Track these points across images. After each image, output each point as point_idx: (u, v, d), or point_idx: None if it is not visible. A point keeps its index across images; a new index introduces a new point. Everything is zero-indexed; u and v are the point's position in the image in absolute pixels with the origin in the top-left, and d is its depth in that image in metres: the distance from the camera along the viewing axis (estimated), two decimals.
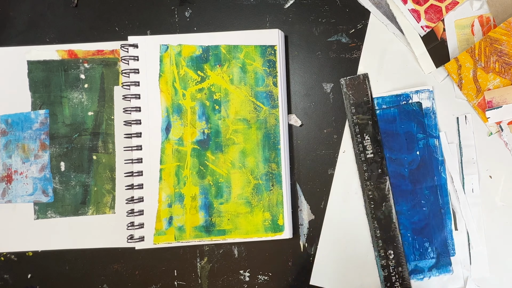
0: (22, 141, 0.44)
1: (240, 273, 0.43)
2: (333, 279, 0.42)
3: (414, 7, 0.43)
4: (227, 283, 0.43)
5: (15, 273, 0.44)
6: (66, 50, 0.44)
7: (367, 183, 0.41)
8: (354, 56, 0.44)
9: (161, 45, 0.43)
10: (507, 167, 0.42)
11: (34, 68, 0.44)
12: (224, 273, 0.43)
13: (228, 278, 0.43)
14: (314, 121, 0.44)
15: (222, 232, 0.42)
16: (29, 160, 0.44)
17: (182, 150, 0.42)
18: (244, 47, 0.42)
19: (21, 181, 0.44)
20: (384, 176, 0.41)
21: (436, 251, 0.41)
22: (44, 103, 0.44)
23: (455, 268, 0.41)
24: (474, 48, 0.41)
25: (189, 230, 0.42)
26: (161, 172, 0.42)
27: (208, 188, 0.42)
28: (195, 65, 0.42)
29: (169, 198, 0.42)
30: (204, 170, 0.42)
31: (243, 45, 0.42)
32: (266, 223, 0.41)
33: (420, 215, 0.42)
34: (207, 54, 0.42)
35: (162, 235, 0.42)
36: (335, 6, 0.44)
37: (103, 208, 0.43)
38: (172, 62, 0.42)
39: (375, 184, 0.41)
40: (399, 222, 0.41)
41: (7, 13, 0.45)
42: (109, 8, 0.45)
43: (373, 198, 0.41)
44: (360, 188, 0.43)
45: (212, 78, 0.42)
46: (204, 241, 0.42)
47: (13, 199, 0.44)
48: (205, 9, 0.45)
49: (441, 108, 0.43)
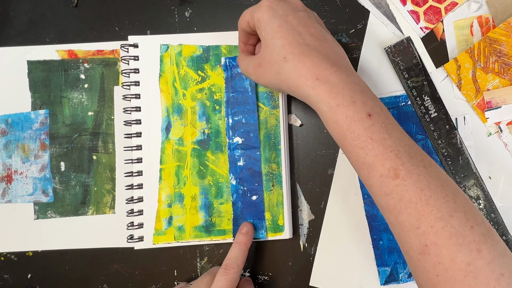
0: (22, 141, 0.44)
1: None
2: (333, 279, 0.42)
3: (413, 8, 0.43)
4: None
5: (15, 273, 0.44)
6: (66, 50, 0.44)
7: (439, 142, 0.41)
8: (354, 56, 0.44)
9: (162, 45, 0.43)
10: (506, 168, 0.42)
11: (34, 68, 0.44)
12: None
13: None
14: (314, 121, 0.44)
15: (222, 232, 0.42)
16: (29, 160, 0.44)
17: (182, 150, 0.42)
18: None
19: (21, 181, 0.44)
20: (453, 131, 0.41)
21: None
22: (44, 103, 0.44)
23: None
24: (473, 49, 0.41)
25: (189, 230, 0.42)
26: (161, 172, 0.42)
27: (208, 188, 0.42)
28: (195, 65, 0.43)
29: (169, 198, 0.42)
30: (204, 170, 0.42)
31: None
32: (267, 223, 0.41)
33: None
34: (208, 54, 0.43)
35: (162, 235, 0.42)
36: (335, 6, 0.44)
37: (103, 208, 0.43)
38: (172, 62, 0.43)
39: (447, 140, 0.41)
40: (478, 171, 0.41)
41: (7, 13, 0.45)
42: (109, 8, 0.45)
43: (448, 155, 0.41)
44: (359, 188, 0.43)
45: (212, 78, 0.42)
46: (204, 241, 0.42)
47: (13, 199, 0.44)
48: (205, 9, 0.45)
49: None
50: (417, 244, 0.27)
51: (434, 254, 0.27)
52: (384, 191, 0.28)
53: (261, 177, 0.41)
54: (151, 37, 0.43)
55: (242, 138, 0.41)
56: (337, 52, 0.32)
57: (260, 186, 0.41)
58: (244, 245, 0.39)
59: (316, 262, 0.43)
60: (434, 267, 0.27)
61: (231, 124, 0.41)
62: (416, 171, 0.28)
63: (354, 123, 0.28)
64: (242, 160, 0.41)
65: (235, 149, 0.42)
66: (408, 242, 0.28)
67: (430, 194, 0.27)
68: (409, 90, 0.42)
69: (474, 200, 0.41)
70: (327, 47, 0.32)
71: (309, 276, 0.43)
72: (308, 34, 0.32)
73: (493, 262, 0.26)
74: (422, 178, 0.28)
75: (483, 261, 0.26)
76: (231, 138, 0.41)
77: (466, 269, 0.26)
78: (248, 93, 0.41)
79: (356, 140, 0.28)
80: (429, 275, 0.27)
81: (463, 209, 0.27)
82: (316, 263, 0.43)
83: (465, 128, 0.42)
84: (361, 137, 0.28)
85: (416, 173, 0.28)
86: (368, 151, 0.28)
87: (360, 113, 0.28)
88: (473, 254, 0.26)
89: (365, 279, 0.42)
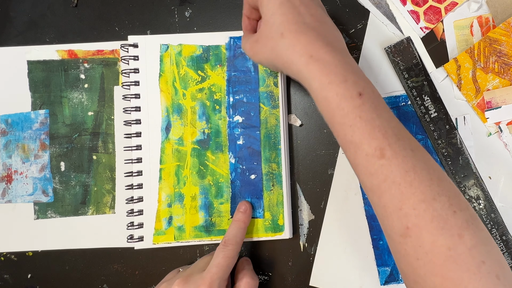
0: (22, 141, 0.44)
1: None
2: (333, 279, 0.42)
3: (413, 8, 0.43)
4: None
5: (15, 273, 0.44)
6: (66, 50, 0.44)
7: (439, 142, 0.41)
8: (354, 56, 0.44)
9: (162, 45, 0.43)
10: (506, 168, 0.42)
11: (34, 68, 0.44)
12: None
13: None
14: (314, 121, 0.44)
15: (222, 232, 0.42)
16: (29, 160, 0.44)
17: (182, 150, 0.42)
18: None
19: (21, 181, 0.44)
20: (453, 131, 0.41)
21: None
22: (44, 103, 0.44)
23: None
24: (473, 49, 0.41)
25: (188, 230, 0.42)
26: (161, 172, 0.42)
27: (208, 188, 0.42)
28: (195, 65, 0.43)
29: (169, 198, 0.42)
30: (204, 170, 0.42)
31: None
32: (266, 223, 0.41)
33: None
34: (208, 54, 0.43)
35: (162, 235, 0.42)
36: (335, 6, 0.44)
37: (103, 208, 0.43)
38: (172, 62, 0.43)
39: (447, 140, 0.41)
40: (478, 171, 0.41)
41: (7, 13, 0.45)
42: (109, 8, 0.45)
43: (448, 155, 0.41)
44: (359, 189, 0.43)
45: (212, 78, 0.42)
46: (204, 241, 0.42)
47: (13, 199, 0.44)
48: (205, 9, 0.45)
49: None
50: (399, 226, 0.27)
51: (415, 236, 0.26)
52: (369, 170, 0.28)
53: (260, 156, 0.41)
54: (151, 37, 0.43)
55: (242, 117, 0.42)
56: (334, 35, 0.32)
57: (258, 165, 0.41)
58: (243, 223, 0.39)
59: (316, 262, 0.43)
60: (414, 250, 0.27)
61: (232, 103, 0.41)
62: (403, 153, 0.28)
63: (345, 101, 0.28)
64: (241, 139, 0.41)
65: (235, 127, 0.42)
66: (390, 224, 0.28)
67: (414, 176, 0.27)
68: (409, 90, 0.42)
69: (474, 200, 0.41)
70: (325, 29, 0.32)
71: (309, 276, 0.43)
72: (308, 14, 0.32)
73: (475, 248, 0.26)
74: (408, 160, 0.28)
75: (464, 246, 0.26)
76: (231, 117, 0.42)
77: (446, 253, 0.25)
78: (251, 72, 0.42)
79: (345, 117, 0.28)
80: (410, 258, 0.27)
81: (448, 193, 0.27)
82: (316, 263, 0.43)
83: (465, 128, 0.42)
84: (350, 114, 0.28)
85: (402, 155, 0.28)
86: (356, 129, 0.28)
87: (351, 91, 0.28)
88: (454, 239, 0.26)
89: (365, 279, 0.42)
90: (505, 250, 0.40)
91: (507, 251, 0.40)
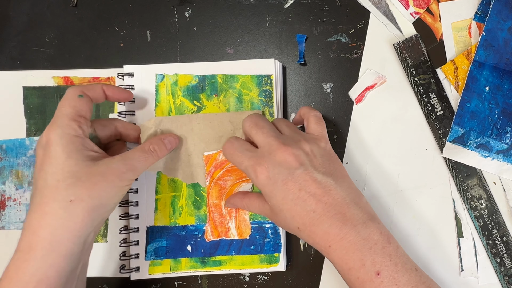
0: (16, 168, 0.44)
1: (240, 273, 0.43)
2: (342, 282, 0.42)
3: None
4: (227, 283, 0.43)
5: None
6: (62, 77, 0.44)
7: (443, 140, 0.41)
8: (354, 56, 0.43)
9: (157, 75, 0.42)
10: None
11: (29, 94, 0.44)
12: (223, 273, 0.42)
13: (228, 278, 0.43)
14: None
15: (217, 263, 0.41)
16: (23, 187, 0.44)
17: (177, 181, 0.42)
18: (241, 76, 0.42)
19: (14, 208, 0.44)
20: None
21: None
22: (39, 130, 0.44)
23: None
24: (471, 51, 0.41)
25: (184, 261, 0.41)
26: (156, 202, 0.42)
27: (204, 219, 0.42)
28: (191, 95, 0.42)
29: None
30: (200, 200, 0.42)
31: (240, 75, 0.42)
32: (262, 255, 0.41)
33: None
34: (203, 84, 0.42)
35: (158, 265, 0.41)
36: (335, 6, 0.44)
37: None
38: (168, 92, 0.42)
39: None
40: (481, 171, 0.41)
41: (6, 13, 0.45)
42: (109, 8, 0.45)
43: None
44: (361, 189, 0.42)
45: (208, 108, 0.42)
46: (200, 272, 0.42)
47: (6, 226, 0.43)
48: (205, 9, 0.45)
49: None
50: None
51: None
52: None
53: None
54: (146, 67, 0.42)
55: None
56: (343, 197, 0.33)
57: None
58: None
59: (324, 268, 0.42)
60: None
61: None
62: None
63: (365, 284, 0.31)
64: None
65: None
66: None
67: None
68: (415, 87, 0.42)
69: (476, 199, 0.41)
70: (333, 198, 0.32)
71: (309, 276, 0.42)
72: (311, 196, 0.32)
73: None
74: None
75: None
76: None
77: None
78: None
79: None
80: None
81: None
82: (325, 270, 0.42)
83: None
84: None
85: None
86: None
87: (369, 273, 0.31)
88: None
89: None
90: (505, 251, 0.40)
91: (507, 252, 0.40)
